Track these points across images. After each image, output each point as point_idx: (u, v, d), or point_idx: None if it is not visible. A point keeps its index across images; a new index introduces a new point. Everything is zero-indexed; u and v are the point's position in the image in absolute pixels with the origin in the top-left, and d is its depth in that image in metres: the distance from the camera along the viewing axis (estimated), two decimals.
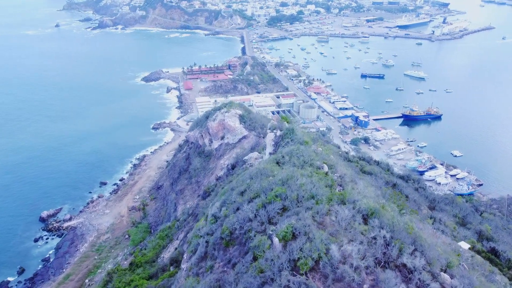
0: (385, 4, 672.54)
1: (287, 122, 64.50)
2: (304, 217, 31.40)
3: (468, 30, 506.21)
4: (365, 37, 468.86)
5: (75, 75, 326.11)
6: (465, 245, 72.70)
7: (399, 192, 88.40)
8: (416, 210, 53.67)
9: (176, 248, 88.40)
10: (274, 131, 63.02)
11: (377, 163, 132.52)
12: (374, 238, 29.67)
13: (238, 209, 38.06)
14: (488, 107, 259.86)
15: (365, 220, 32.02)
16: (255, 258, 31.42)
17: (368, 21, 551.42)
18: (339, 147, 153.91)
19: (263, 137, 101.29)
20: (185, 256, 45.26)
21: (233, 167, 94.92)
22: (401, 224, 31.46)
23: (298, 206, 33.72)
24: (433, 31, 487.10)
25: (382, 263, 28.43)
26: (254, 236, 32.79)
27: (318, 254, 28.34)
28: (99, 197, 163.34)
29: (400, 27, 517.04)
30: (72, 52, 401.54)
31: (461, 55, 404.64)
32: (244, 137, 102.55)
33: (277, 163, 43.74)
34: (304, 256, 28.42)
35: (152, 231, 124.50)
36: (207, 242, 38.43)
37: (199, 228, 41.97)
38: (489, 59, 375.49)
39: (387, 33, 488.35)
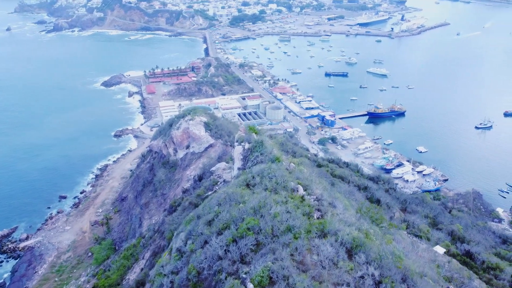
0: (345, 2, 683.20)
1: (255, 133, 60.60)
2: (282, 256, 27.64)
3: (425, 26, 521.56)
4: (327, 35, 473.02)
5: (29, 82, 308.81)
6: (440, 249, 71.75)
7: (377, 205, 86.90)
8: (395, 223, 51.03)
9: (142, 269, 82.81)
10: (242, 144, 59.02)
11: (347, 164, 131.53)
12: (362, 277, 26.31)
13: (206, 242, 33.83)
14: (447, 101, 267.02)
15: (350, 253, 28.63)
16: None
17: (329, 19, 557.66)
18: (307, 149, 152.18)
19: (230, 145, 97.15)
20: None
21: (200, 178, 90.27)
22: (389, 255, 28.25)
23: (273, 241, 29.92)
24: (392, 28, 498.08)
25: None
26: (225, 279, 28.68)
27: None
28: (58, 212, 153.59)
29: (361, 24, 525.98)
30: (25, 57, 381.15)
31: (420, 51, 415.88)
32: (211, 145, 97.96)
33: (247, 185, 39.80)
34: None
35: (116, 247, 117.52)
36: (171, 282, 33.96)
37: (162, 265, 37.39)
38: (446, 55, 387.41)
39: (349, 31, 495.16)
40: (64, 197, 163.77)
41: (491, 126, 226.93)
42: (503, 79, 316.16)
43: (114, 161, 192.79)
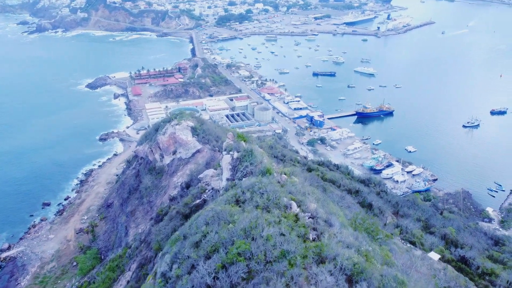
0: (331, 1, 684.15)
1: (245, 141, 58.03)
2: None
3: (411, 25, 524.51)
4: (314, 34, 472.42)
5: (10, 84, 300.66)
6: (435, 256, 70.10)
7: (369, 209, 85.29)
8: (390, 234, 49.05)
9: (128, 282, 79.77)
10: (231, 153, 56.44)
11: (337, 167, 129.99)
12: None
13: (193, 267, 31.22)
14: (434, 100, 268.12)
15: (350, 281, 26.35)
16: None
17: (316, 18, 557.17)
18: (297, 152, 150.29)
19: (218, 151, 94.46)
20: None
21: (188, 186, 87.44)
22: (392, 283, 26.01)
23: (267, 269, 27.47)
24: (379, 27, 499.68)
25: None
26: None
27: None
28: (42, 220, 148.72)
29: (347, 23, 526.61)
30: (6, 58, 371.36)
31: (406, 50, 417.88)
32: (198, 151, 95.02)
33: (237, 201, 37.28)
34: None
35: (102, 257, 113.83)
36: None
37: None
38: (431, 53, 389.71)
39: (335, 30, 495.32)
40: (48, 204, 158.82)
41: (478, 124, 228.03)
42: (488, 77, 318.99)
43: (99, 166, 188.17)
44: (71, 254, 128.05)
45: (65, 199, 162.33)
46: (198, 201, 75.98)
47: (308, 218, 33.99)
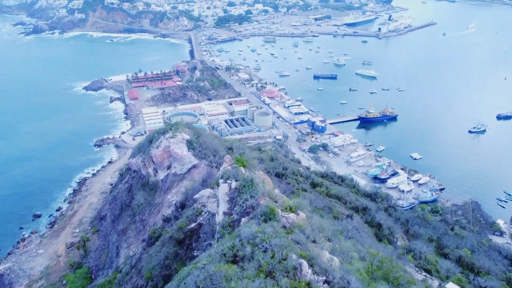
0: (331, 2, 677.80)
1: (244, 166, 51.51)
2: None
3: (412, 26, 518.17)
4: (315, 36, 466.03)
5: (2, 87, 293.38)
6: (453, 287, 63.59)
7: (378, 230, 79.00)
8: (413, 280, 42.62)
9: None
10: (228, 181, 49.92)
11: (342, 179, 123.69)
12: None
13: None
14: (438, 104, 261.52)
15: None
16: None
17: (316, 19, 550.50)
18: (299, 161, 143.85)
19: (216, 167, 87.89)
20: None
21: (182, 206, 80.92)
22: None
23: None
24: (380, 28, 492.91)
25: None
26: None
27: None
28: (32, 233, 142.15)
29: (348, 25, 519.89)
30: (0, 60, 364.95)
31: (408, 51, 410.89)
32: (194, 166, 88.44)
33: (235, 257, 30.80)
34: None
35: (93, 276, 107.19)
36: None
37: None
38: (433, 55, 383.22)
39: (336, 31, 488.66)
40: (39, 216, 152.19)
41: (485, 130, 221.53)
42: (492, 79, 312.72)
43: (93, 174, 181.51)
44: (61, 271, 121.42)
45: (57, 210, 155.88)
46: (193, 225, 69.58)
47: (323, 284, 27.59)
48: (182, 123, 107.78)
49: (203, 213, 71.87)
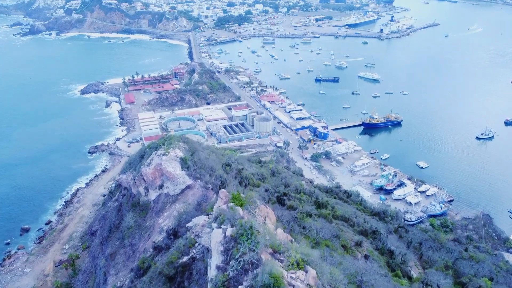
0: (332, 2, 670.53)
1: (242, 206, 43.80)
2: None
3: (414, 27, 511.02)
4: (315, 37, 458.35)
5: None
6: None
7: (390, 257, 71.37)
8: None
9: None
10: (223, 226, 42.24)
11: (347, 194, 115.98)
12: None
13: None
14: (444, 109, 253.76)
15: None
16: None
17: (317, 20, 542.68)
18: (302, 174, 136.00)
19: (212, 189, 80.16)
20: None
21: (174, 233, 73.20)
22: None
23: None
24: (382, 29, 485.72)
25: None
26: None
27: None
28: (18, 249, 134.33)
29: (349, 25, 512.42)
30: None
31: (411, 53, 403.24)
32: (188, 187, 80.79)
33: None
34: None
35: None
36: None
37: None
38: (437, 57, 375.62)
39: (337, 32, 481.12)
40: (27, 230, 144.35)
41: (493, 136, 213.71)
42: (499, 83, 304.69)
43: (86, 184, 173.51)
44: None
45: (46, 224, 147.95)
46: (185, 258, 62.01)
47: None
48: (175, 137, 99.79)
49: (196, 244, 64.16)
